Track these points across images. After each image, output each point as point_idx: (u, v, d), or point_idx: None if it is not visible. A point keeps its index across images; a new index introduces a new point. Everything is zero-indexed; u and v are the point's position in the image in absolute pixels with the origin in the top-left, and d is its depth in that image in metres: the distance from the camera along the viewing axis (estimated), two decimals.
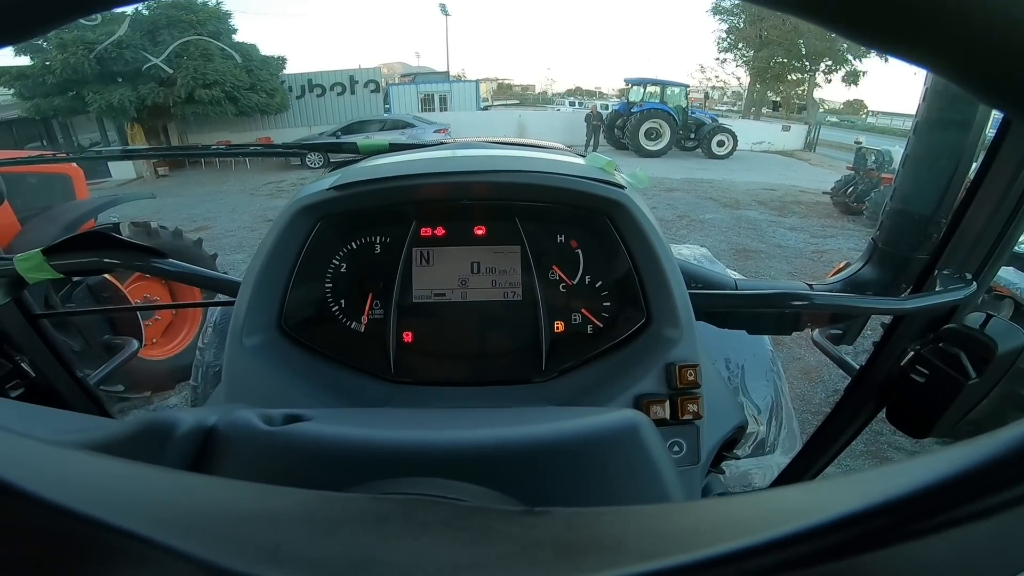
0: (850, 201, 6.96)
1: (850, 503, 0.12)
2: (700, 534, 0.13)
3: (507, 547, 0.13)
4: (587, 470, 0.26)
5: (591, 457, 0.27)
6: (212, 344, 1.21)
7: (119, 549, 0.13)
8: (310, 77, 15.47)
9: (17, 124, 12.15)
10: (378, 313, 0.59)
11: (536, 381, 0.59)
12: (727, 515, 0.14)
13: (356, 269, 0.60)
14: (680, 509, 0.16)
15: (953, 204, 0.72)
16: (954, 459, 0.12)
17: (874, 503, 0.12)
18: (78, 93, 11.60)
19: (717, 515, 0.14)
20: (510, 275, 0.60)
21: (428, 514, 0.15)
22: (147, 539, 0.13)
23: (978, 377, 0.70)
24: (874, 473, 0.14)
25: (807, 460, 1.02)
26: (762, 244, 5.66)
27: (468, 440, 0.26)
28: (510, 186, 0.58)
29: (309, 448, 0.16)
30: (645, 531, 0.14)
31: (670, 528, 0.14)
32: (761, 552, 0.12)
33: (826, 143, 16.86)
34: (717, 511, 0.15)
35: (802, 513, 0.12)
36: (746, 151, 14.79)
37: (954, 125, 0.70)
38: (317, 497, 0.16)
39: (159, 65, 11.27)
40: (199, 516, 0.14)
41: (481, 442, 0.26)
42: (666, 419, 0.52)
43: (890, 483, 0.13)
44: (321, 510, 0.15)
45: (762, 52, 21.96)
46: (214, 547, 0.13)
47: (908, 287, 0.79)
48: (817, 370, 2.82)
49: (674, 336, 0.55)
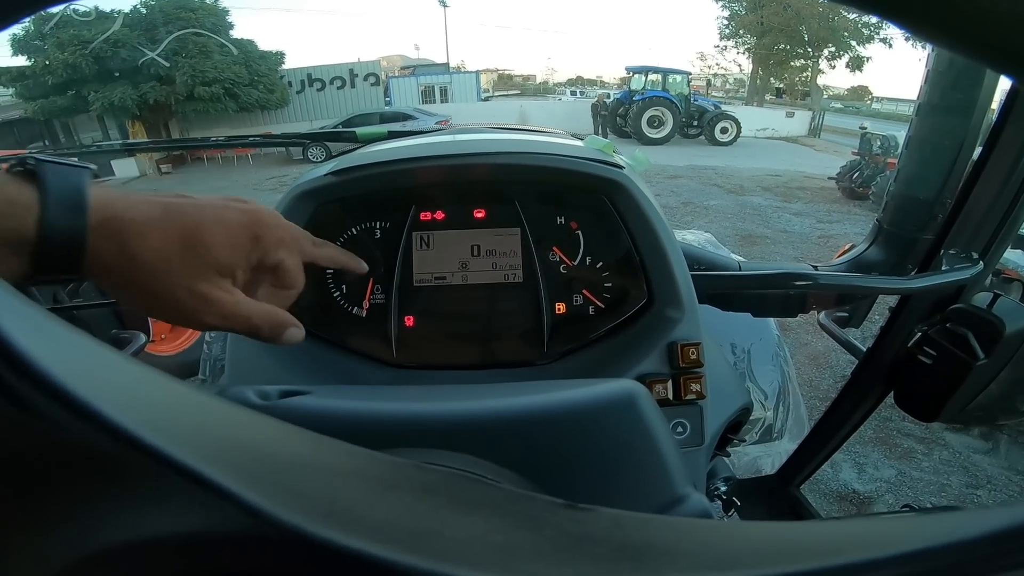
0: (856, 186, 6.91)
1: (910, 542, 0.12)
2: (754, 553, 0.13)
3: (560, 538, 0.13)
4: (585, 440, 0.26)
5: (589, 426, 0.26)
6: (219, 338, 1.22)
7: (164, 480, 0.12)
8: (309, 72, 15.43)
9: (19, 124, 12.20)
10: (379, 298, 0.59)
11: (538, 363, 0.59)
12: (787, 538, 0.14)
13: (356, 254, 0.60)
14: (728, 527, 0.15)
15: (958, 184, 0.72)
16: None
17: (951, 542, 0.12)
18: (78, 92, 11.64)
19: (772, 537, 0.14)
20: (510, 257, 0.60)
21: (475, 493, 0.15)
22: (206, 480, 0.12)
23: (986, 358, 0.69)
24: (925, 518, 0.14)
25: (815, 446, 1.02)
26: (767, 230, 5.62)
27: (463, 411, 0.26)
28: (509, 168, 0.58)
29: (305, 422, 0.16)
30: (698, 542, 0.13)
31: (722, 542, 0.14)
32: (836, 574, 0.12)
33: (831, 129, 16.69)
34: (772, 533, 0.14)
35: (868, 545, 0.12)
36: (750, 138, 14.68)
37: (958, 106, 0.69)
38: (365, 456, 0.15)
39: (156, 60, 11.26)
40: (257, 458, 0.14)
41: (477, 412, 0.25)
42: (669, 399, 0.52)
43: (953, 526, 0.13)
44: (370, 469, 0.15)
45: (764, 39, 21.68)
46: (273, 496, 0.12)
47: (914, 268, 0.78)
48: (824, 355, 2.80)
49: (676, 316, 0.54)
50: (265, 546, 0.12)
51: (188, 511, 0.12)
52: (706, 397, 0.52)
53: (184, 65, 11.98)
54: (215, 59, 12.33)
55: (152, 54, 11.39)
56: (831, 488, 1.93)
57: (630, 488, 0.27)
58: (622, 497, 0.27)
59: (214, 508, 0.12)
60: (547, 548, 0.13)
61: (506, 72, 43.31)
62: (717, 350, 0.65)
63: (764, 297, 0.74)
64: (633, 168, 0.62)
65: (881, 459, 2.07)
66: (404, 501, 0.14)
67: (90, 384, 0.13)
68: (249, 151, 12.21)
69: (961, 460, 2.06)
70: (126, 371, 0.15)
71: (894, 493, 1.91)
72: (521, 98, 25.84)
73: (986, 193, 0.67)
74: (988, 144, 0.65)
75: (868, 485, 1.94)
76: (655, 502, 0.27)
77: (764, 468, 1.16)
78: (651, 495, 0.27)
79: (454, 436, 0.25)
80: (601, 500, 0.21)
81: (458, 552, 0.12)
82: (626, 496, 0.27)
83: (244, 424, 0.15)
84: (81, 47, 11.05)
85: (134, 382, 0.15)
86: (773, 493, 1.08)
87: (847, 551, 0.12)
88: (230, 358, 0.54)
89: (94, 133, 12.98)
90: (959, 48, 0.15)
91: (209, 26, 12.44)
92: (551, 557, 0.12)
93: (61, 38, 11.08)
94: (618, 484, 0.27)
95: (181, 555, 0.13)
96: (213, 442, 0.14)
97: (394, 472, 0.15)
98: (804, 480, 1.08)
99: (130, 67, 11.69)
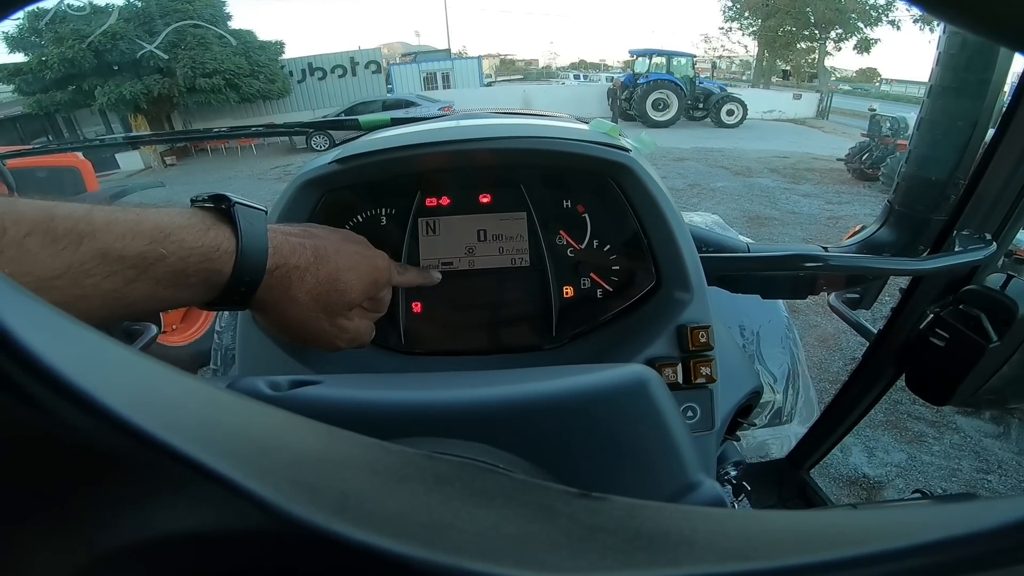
0: (865, 167, 6.84)
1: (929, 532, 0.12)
2: (772, 542, 0.12)
3: (574, 529, 0.13)
4: (596, 426, 0.26)
5: (599, 412, 0.26)
6: (229, 327, 1.23)
7: (176, 477, 0.12)
8: (310, 61, 15.35)
9: (21, 120, 12.25)
10: None
11: (547, 348, 0.59)
12: (804, 527, 0.14)
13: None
14: (744, 516, 0.15)
15: (971, 165, 0.71)
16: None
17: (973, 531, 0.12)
18: (79, 87, 11.65)
19: (789, 526, 0.14)
20: (517, 242, 0.59)
21: (487, 483, 0.14)
22: (219, 475, 0.12)
23: (999, 340, 0.69)
24: (943, 507, 0.13)
25: (825, 429, 1.02)
26: (775, 211, 5.57)
27: (473, 398, 0.26)
28: (514, 152, 0.57)
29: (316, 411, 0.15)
30: (715, 532, 0.13)
31: (738, 531, 0.13)
32: (846, 566, 0.12)
33: (839, 111, 16.44)
34: (789, 522, 0.14)
35: (887, 534, 0.12)
36: (756, 120, 14.53)
37: (970, 87, 0.68)
38: (376, 446, 0.15)
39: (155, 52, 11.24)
40: (269, 452, 0.13)
41: (487, 399, 0.25)
42: (678, 383, 0.51)
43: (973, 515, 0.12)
44: (382, 461, 0.15)
45: (769, 21, 21.27)
46: (285, 490, 0.12)
47: (926, 249, 0.77)
48: (835, 337, 2.78)
49: (685, 298, 0.54)
50: (278, 541, 0.12)
51: (200, 507, 0.12)
52: (716, 381, 0.52)
53: (183, 57, 11.95)
54: (214, 50, 12.28)
55: (150, 47, 11.37)
56: (840, 472, 1.93)
57: (642, 475, 0.27)
58: (634, 484, 0.27)
59: (227, 504, 0.12)
60: (561, 539, 0.12)
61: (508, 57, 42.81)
62: (727, 333, 0.64)
63: (773, 279, 0.73)
64: (639, 150, 0.61)
65: (891, 443, 2.07)
66: (416, 493, 0.13)
67: (99, 380, 0.12)
68: (252, 141, 12.24)
69: (972, 444, 2.04)
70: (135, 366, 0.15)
71: (904, 477, 1.90)
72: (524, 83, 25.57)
73: (999, 174, 0.67)
74: (1001, 125, 0.65)
75: (878, 469, 1.94)
76: (668, 489, 0.27)
77: (772, 452, 1.16)
78: (664, 482, 0.27)
79: (464, 424, 0.25)
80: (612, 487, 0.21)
81: (472, 545, 0.12)
82: (638, 483, 0.27)
83: (256, 417, 0.15)
84: (79, 41, 11.03)
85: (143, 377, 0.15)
86: (783, 477, 1.08)
87: (866, 540, 0.12)
88: (240, 347, 0.54)
89: (96, 127, 13.01)
90: (973, 25, 0.15)
91: (207, 17, 12.37)
92: (565, 548, 0.12)
93: (59, 33, 11.06)
94: (630, 471, 0.27)
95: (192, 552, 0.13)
96: (224, 437, 0.13)
97: (406, 463, 0.15)
98: (814, 464, 1.08)
99: (129, 60, 11.67)
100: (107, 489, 0.13)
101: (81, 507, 0.13)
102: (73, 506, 0.13)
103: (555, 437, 0.26)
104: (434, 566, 0.11)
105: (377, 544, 0.11)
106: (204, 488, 0.12)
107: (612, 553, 0.12)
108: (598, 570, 0.12)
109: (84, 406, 0.12)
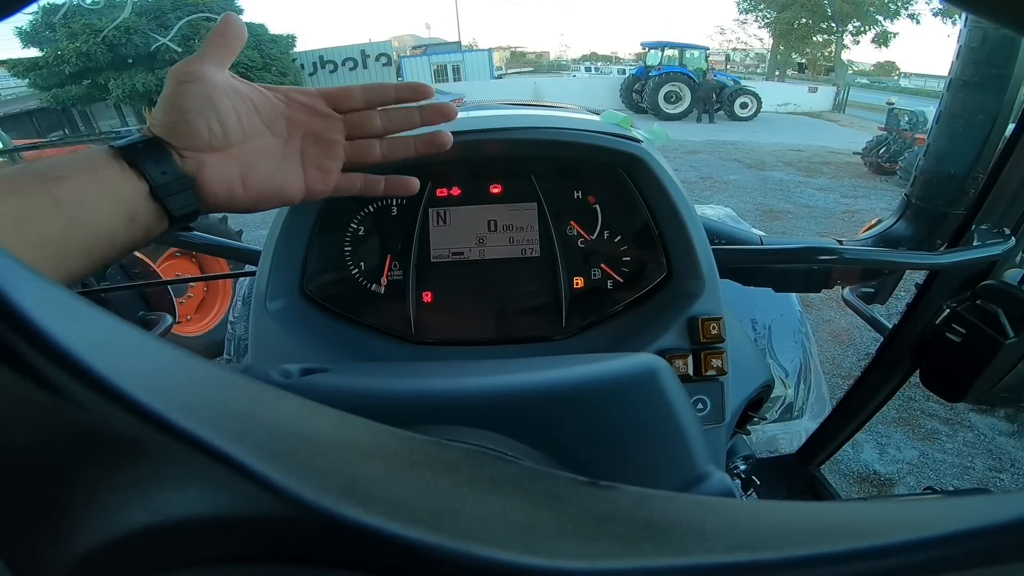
0: (882, 161, 6.72)
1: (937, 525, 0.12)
2: (781, 533, 0.12)
3: (582, 517, 0.13)
4: (605, 415, 0.26)
5: (609, 401, 0.26)
6: (242, 317, 1.24)
7: (188, 460, 0.12)
8: (321, 54, 15.39)
9: (38, 114, 12.38)
10: (397, 274, 0.60)
11: (557, 338, 0.59)
12: (815, 519, 0.14)
13: (373, 231, 0.61)
14: (754, 507, 0.15)
15: (991, 159, 0.70)
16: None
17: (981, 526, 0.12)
18: (94, 80, 11.76)
19: (799, 517, 0.14)
20: (527, 232, 0.59)
21: (496, 470, 0.14)
22: (232, 459, 0.12)
23: (1016, 336, 0.67)
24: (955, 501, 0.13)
25: (837, 425, 1.01)
26: (789, 205, 5.48)
27: (482, 387, 0.26)
28: (524, 143, 0.57)
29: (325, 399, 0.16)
30: (724, 522, 0.13)
31: (748, 522, 0.13)
32: (856, 558, 0.11)
33: (856, 104, 16.16)
34: (799, 513, 0.14)
35: (898, 527, 0.12)
36: (771, 112, 14.33)
37: (991, 81, 0.68)
38: (385, 432, 0.15)
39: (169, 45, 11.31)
40: (280, 437, 0.13)
41: (496, 388, 0.25)
42: (689, 375, 0.51)
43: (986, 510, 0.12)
44: (391, 447, 0.15)
45: (785, 13, 20.95)
46: (295, 473, 0.12)
47: (943, 243, 0.76)
48: (848, 332, 2.74)
49: (696, 289, 0.54)
50: (287, 525, 0.12)
51: (211, 491, 0.12)
52: (727, 373, 0.52)
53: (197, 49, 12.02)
54: None
55: (164, 40, 11.44)
56: (851, 468, 1.91)
57: (651, 465, 0.27)
58: (643, 474, 0.27)
59: (237, 487, 0.12)
60: (569, 527, 0.12)
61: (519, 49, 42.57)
62: (738, 325, 0.64)
63: (786, 272, 0.72)
64: (651, 141, 0.61)
65: (904, 440, 2.04)
66: (424, 479, 0.13)
67: (115, 364, 0.13)
68: None
69: (986, 442, 2.01)
70: (150, 350, 0.15)
71: (916, 475, 1.88)
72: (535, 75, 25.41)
73: (1019, 168, 0.65)
74: (1022, 119, 0.64)
75: (889, 466, 1.92)
76: (676, 480, 0.27)
77: (782, 447, 1.15)
78: (672, 472, 0.27)
79: (473, 412, 0.25)
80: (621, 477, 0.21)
81: (479, 531, 0.12)
82: (647, 473, 0.27)
83: (266, 403, 0.15)
84: (94, 35, 11.14)
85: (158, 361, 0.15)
86: (793, 472, 1.07)
87: (877, 533, 0.12)
88: (252, 336, 0.54)
89: (112, 120, 13.14)
90: (998, 16, 0.14)
91: (218, 10, 12.40)
92: (573, 536, 0.12)
93: (72, 28, 11.18)
94: (639, 460, 0.27)
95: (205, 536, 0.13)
96: (235, 421, 0.13)
97: (414, 449, 0.15)
98: (825, 460, 1.07)
99: (143, 54, 11.77)
100: (120, 472, 0.13)
101: (95, 490, 0.13)
102: (87, 489, 0.13)
103: (564, 426, 0.26)
104: (442, 551, 0.11)
105: (385, 528, 0.11)
106: (215, 471, 0.12)
107: (620, 541, 0.12)
108: (606, 558, 0.12)
109: (99, 389, 0.12)
